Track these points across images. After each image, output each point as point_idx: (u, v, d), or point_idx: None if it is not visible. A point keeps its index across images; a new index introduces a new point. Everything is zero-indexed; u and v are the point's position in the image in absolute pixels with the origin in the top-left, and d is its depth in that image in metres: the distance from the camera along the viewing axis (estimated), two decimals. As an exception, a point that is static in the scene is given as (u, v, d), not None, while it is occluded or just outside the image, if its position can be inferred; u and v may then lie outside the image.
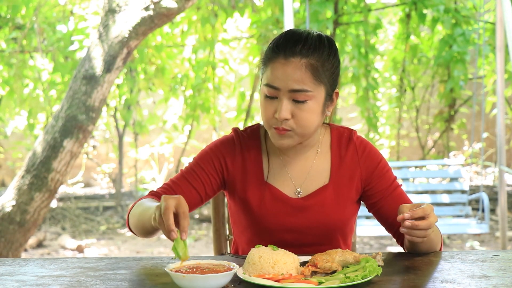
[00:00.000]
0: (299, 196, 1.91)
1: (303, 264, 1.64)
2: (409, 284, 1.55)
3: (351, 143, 1.94)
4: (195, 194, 1.91)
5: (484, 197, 5.04)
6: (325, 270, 1.59)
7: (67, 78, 6.55)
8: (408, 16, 7.11)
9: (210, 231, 7.09)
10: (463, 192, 5.44)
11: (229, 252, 2.17)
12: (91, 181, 9.61)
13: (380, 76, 7.79)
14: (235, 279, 1.57)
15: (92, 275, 1.65)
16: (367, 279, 1.51)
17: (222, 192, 2.08)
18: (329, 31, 6.44)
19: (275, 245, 1.66)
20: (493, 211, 7.29)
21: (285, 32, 1.83)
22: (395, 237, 1.95)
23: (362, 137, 1.97)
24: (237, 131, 1.97)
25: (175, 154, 9.19)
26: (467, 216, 5.29)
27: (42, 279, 1.62)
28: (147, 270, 1.71)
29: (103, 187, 9.43)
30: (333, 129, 1.98)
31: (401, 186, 1.97)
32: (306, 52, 1.76)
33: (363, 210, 2.04)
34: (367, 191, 1.94)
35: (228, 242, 2.21)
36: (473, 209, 7.01)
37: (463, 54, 6.80)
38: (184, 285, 1.48)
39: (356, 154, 1.93)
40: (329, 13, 6.40)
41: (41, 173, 4.47)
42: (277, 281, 1.52)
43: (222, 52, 7.86)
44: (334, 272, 1.59)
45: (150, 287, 1.55)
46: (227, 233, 2.21)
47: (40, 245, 6.57)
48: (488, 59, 7.19)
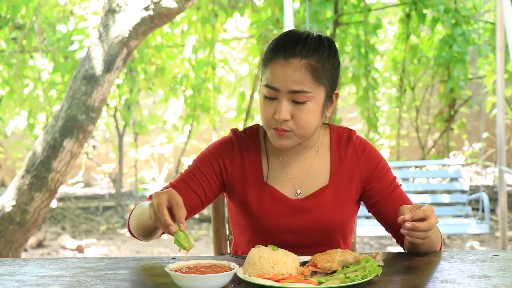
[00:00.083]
0: (299, 197, 1.90)
1: (303, 264, 1.64)
2: (409, 284, 1.55)
3: (350, 143, 1.94)
4: (195, 198, 1.90)
5: (484, 197, 5.04)
6: (325, 270, 1.59)
7: (67, 78, 6.55)
8: (408, 16, 7.10)
9: (210, 231, 7.09)
10: (463, 192, 5.44)
11: (229, 252, 2.17)
12: (91, 181, 9.61)
13: (380, 76, 7.78)
14: (235, 279, 1.57)
15: (92, 275, 1.65)
16: (367, 279, 1.51)
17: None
18: (329, 31, 6.44)
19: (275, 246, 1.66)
20: (493, 211, 7.29)
21: (285, 32, 1.82)
22: (395, 237, 1.95)
23: (362, 137, 1.97)
24: (236, 132, 1.96)
25: (175, 154, 9.19)
26: (467, 216, 5.29)
27: (42, 279, 1.62)
28: (147, 270, 1.71)
29: (103, 187, 9.43)
30: (333, 129, 1.97)
31: (401, 186, 1.96)
32: (306, 53, 1.76)
33: (363, 210, 2.03)
34: (367, 191, 1.93)
35: (228, 242, 2.20)
36: (473, 209, 7.01)
37: (463, 54, 6.80)
38: (184, 285, 1.48)
39: (355, 155, 1.93)
40: (329, 13, 6.40)
41: (41, 173, 4.47)
42: (277, 281, 1.52)
43: (222, 52, 7.85)
44: (334, 272, 1.59)
45: (150, 287, 1.55)
46: (227, 233, 2.21)
47: (40, 245, 6.57)
48: (488, 59, 7.19)
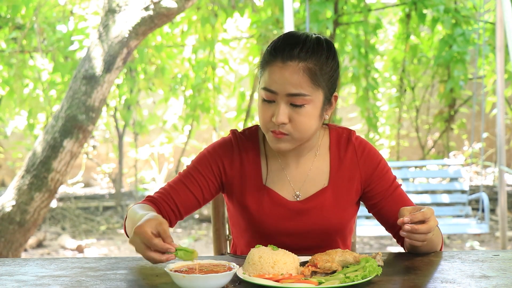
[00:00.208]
0: (298, 199, 1.89)
1: (303, 264, 1.64)
2: (409, 284, 1.55)
3: (350, 144, 1.93)
4: (192, 198, 1.89)
5: (484, 197, 5.04)
6: (325, 270, 1.59)
7: (67, 78, 6.55)
8: (408, 16, 7.10)
9: (210, 231, 7.09)
10: (463, 192, 5.44)
11: (229, 252, 2.16)
12: (91, 181, 9.61)
13: (380, 76, 7.78)
14: (235, 279, 1.57)
15: (92, 275, 1.65)
16: (367, 279, 1.51)
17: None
18: (329, 31, 6.44)
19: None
20: (493, 211, 7.29)
21: (283, 34, 1.81)
22: (396, 237, 1.95)
23: (361, 138, 1.96)
24: (235, 133, 1.95)
25: (175, 154, 9.19)
26: (467, 216, 5.29)
27: (42, 279, 1.62)
28: (147, 270, 1.71)
29: (103, 187, 9.43)
30: (332, 130, 1.96)
31: (401, 185, 1.96)
32: (304, 56, 1.74)
33: (363, 210, 2.03)
34: (367, 192, 1.93)
35: (228, 242, 2.20)
36: (473, 209, 7.01)
37: (463, 54, 6.80)
38: (184, 285, 1.48)
39: (355, 156, 1.92)
40: (329, 13, 6.40)
41: (41, 173, 4.47)
42: (277, 281, 1.52)
43: (222, 52, 7.85)
44: (334, 272, 1.59)
45: (150, 287, 1.55)
46: (227, 233, 2.20)
47: (40, 245, 6.57)
48: (488, 59, 7.19)
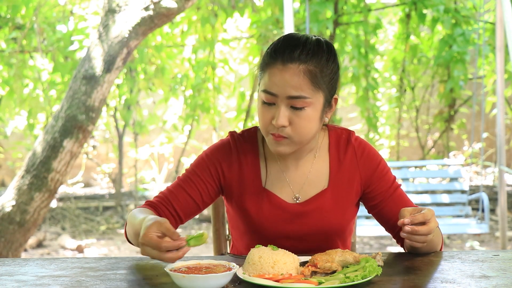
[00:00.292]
0: (298, 201, 1.89)
1: (303, 264, 1.64)
2: (409, 284, 1.55)
3: (349, 145, 1.92)
4: (191, 203, 1.89)
5: (484, 197, 5.04)
6: (325, 270, 1.59)
7: (67, 78, 6.55)
8: (408, 16, 7.10)
9: (210, 231, 7.08)
10: (463, 192, 5.44)
11: (229, 252, 2.16)
12: (91, 181, 9.61)
13: (380, 76, 7.78)
14: (235, 279, 1.57)
15: (92, 275, 1.65)
16: (367, 279, 1.51)
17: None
18: (329, 31, 6.44)
19: None
20: (493, 211, 7.29)
21: (283, 36, 1.81)
22: (395, 238, 1.94)
23: (361, 138, 1.95)
24: (234, 135, 1.94)
25: (175, 154, 9.19)
26: (467, 216, 5.29)
27: (42, 279, 1.62)
28: (147, 270, 1.71)
29: (103, 187, 9.43)
30: (331, 131, 1.95)
31: (400, 185, 1.95)
32: (304, 58, 1.73)
33: (363, 210, 2.03)
34: (368, 193, 1.92)
35: (228, 242, 2.20)
36: (473, 209, 7.01)
37: (463, 54, 6.80)
38: (184, 285, 1.48)
39: (355, 157, 1.91)
40: (329, 13, 6.40)
41: (41, 173, 4.46)
42: (277, 281, 1.52)
43: (222, 52, 7.85)
44: (334, 272, 1.59)
45: (150, 287, 1.55)
46: (227, 233, 2.20)
47: (40, 245, 6.56)
48: (488, 59, 7.19)
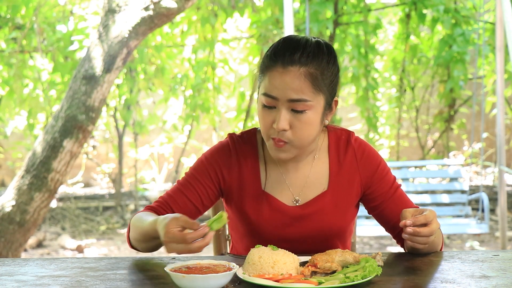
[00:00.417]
0: (298, 204, 1.88)
1: (303, 264, 1.64)
2: (409, 284, 1.55)
3: (349, 146, 1.91)
4: (191, 207, 1.89)
5: (484, 197, 5.04)
6: (325, 270, 1.59)
7: (67, 78, 6.55)
8: (408, 16, 7.10)
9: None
10: (463, 192, 5.43)
11: (228, 252, 2.16)
12: (91, 181, 9.61)
13: (380, 76, 7.78)
14: (235, 279, 1.57)
15: (92, 275, 1.65)
16: (367, 279, 1.51)
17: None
18: (329, 31, 6.44)
19: None
20: (493, 211, 7.29)
21: (282, 39, 1.79)
22: (396, 238, 1.94)
23: (360, 139, 1.94)
24: (233, 138, 1.93)
25: (175, 154, 9.19)
26: (467, 216, 5.28)
27: (42, 279, 1.62)
28: (147, 270, 1.70)
29: (103, 187, 9.42)
30: (331, 132, 1.94)
31: (400, 186, 1.95)
32: (305, 61, 1.72)
33: (363, 210, 2.03)
34: (368, 195, 1.91)
35: (228, 242, 2.20)
36: (473, 209, 7.01)
37: (463, 54, 6.80)
38: (184, 285, 1.48)
39: (355, 158, 1.90)
40: (329, 13, 6.40)
41: (41, 173, 4.46)
42: (277, 281, 1.52)
43: (222, 52, 7.85)
44: (334, 272, 1.59)
45: (150, 287, 1.55)
46: (227, 233, 2.20)
47: (40, 245, 6.56)
48: (488, 59, 7.19)
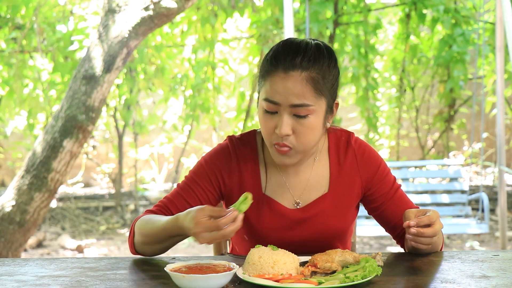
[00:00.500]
0: (298, 207, 1.87)
1: (303, 264, 1.64)
2: (409, 284, 1.55)
3: (349, 147, 1.90)
4: None
5: (484, 197, 5.04)
6: (324, 270, 1.59)
7: (67, 78, 6.55)
8: (408, 16, 7.10)
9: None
10: (463, 192, 5.43)
11: (228, 252, 2.16)
12: (91, 181, 9.61)
13: (380, 76, 7.78)
14: (235, 279, 1.57)
15: (92, 275, 1.65)
16: (367, 279, 1.51)
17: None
18: (329, 31, 6.44)
19: None
20: (493, 211, 7.29)
21: (282, 42, 1.77)
22: (396, 238, 1.94)
23: (361, 140, 1.94)
24: (232, 140, 1.92)
25: (175, 154, 9.19)
26: (467, 216, 5.28)
27: (42, 279, 1.62)
28: (147, 270, 1.71)
29: (103, 187, 9.42)
30: (331, 133, 1.93)
31: (400, 186, 1.95)
32: (306, 65, 1.71)
33: (363, 210, 2.03)
34: (368, 196, 1.91)
35: (228, 242, 2.20)
36: (473, 209, 7.01)
37: (463, 54, 6.80)
38: (184, 285, 1.48)
39: (355, 160, 1.89)
40: (329, 13, 6.40)
41: (41, 173, 4.46)
42: (277, 281, 1.52)
43: (222, 52, 7.85)
44: (334, 272, 1.59)
45: (150, 287, 1.55)
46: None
47: (40, 245, 6.56)
48: (488, 59, 7.19)
